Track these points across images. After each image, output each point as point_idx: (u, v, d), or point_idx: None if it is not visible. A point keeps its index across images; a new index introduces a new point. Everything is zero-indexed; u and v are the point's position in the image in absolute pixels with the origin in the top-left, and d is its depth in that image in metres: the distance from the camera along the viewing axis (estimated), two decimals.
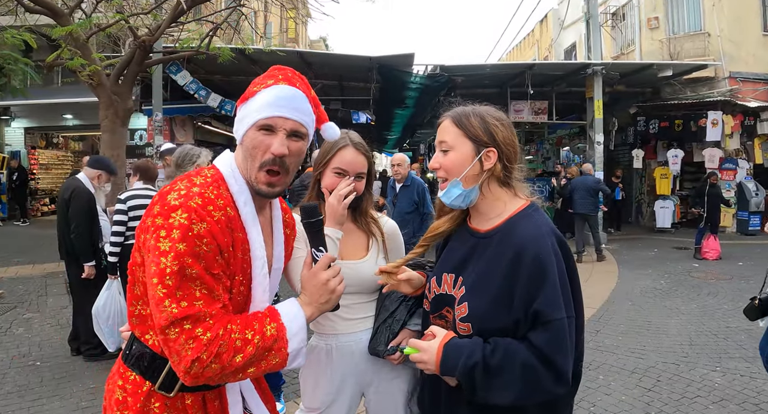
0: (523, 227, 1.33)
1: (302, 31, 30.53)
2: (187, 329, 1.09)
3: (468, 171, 1.37)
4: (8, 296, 6.56)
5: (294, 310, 1.26)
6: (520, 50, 27.04)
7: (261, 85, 1.27)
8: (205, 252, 1.13)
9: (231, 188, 1.25)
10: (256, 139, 1.25)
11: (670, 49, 13.88)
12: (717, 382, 3.93)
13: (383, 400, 1.81)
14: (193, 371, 1.10)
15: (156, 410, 1.24)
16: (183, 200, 1.14)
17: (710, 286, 7.18)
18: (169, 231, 1.11)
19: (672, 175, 13.40)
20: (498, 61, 21.23)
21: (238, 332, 1.14)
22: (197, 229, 1.12)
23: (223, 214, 1.18)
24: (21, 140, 14.90)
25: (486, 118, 1.40)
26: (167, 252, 1.10)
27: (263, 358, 1.17)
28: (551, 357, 1.22)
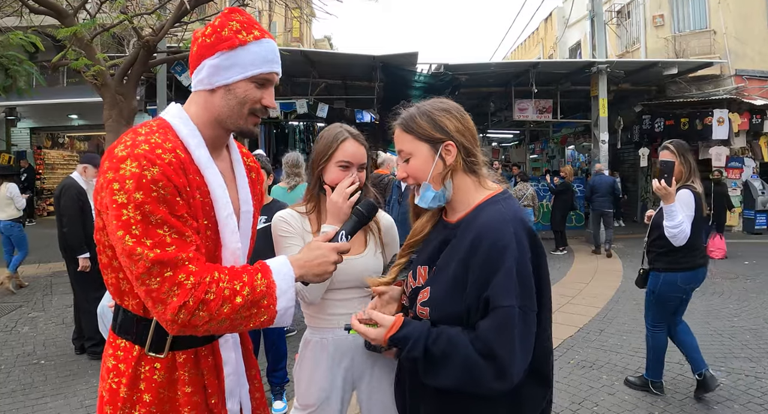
0: (485, 214, 1.33)
1: (307, 31, 30.53)
2: (168, 276, 1.09)
3: (433, 171, 1.38)
4: (13, 295, 6.61)
5: (285, 269, 1.26)
6: (525, 49, 26.97)
7: (248, 35, 1.27)
8: (164, 195, 1.12)
9: (179, 133, 1.25)
10: (250, 90, 1.28)
11: (675, 46, 13.81)
12: (722, 381, 3.89)
13: (376, 393, 1.82)
14: (180, 319, 1.09)
15: (147, 373, 1.25)
16: (129, 150, 1.13)
17: (716, 286, 7.14)
18: (121, 182, 1.10)
19: None
20: (502, 60, 21.16)
21: (227, 281, 1.15)
22: (150, 174, 1.11)
23: (173, 156, 1.17)
24: (27, 140, 14.99)
25: (433, 114, 1.39)
26: (125, 203, 1.09)
27: (251, 313, 1.17)
28: (494, 349, 1.19)
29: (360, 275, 1.79)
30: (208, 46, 1.26)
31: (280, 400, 3.48)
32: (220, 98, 1.29)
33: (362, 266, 1.81)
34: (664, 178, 3.14)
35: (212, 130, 1.32)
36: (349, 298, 1.82)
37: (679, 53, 13.60)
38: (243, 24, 1.28)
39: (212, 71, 1.26)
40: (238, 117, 1.30)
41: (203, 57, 1.27)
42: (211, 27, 1.28)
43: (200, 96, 1.31)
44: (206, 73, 1.27)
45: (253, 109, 1.31)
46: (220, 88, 1.28)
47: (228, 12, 1.30)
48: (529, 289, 1.23)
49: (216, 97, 1.29)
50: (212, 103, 1.30)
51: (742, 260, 9.02)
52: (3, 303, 6.24)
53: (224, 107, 1.29)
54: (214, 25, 1.28)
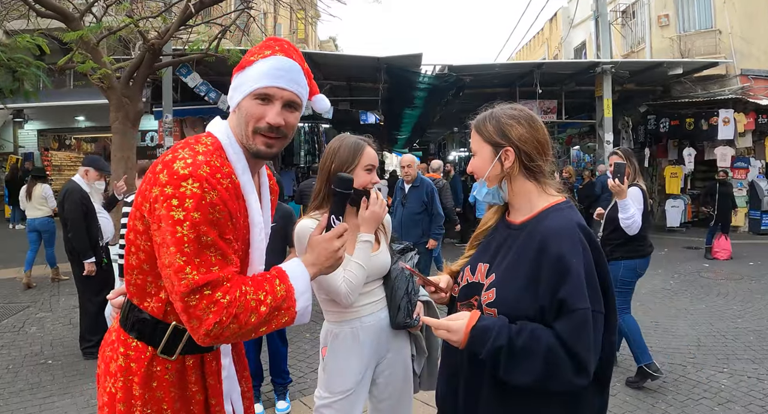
0: (551, 219, 1.39)
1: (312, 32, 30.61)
2: (207, 295, 1.14)
3: (490, 172, 1.48)
4: (21, 295, 6.69)
5: (300, 271, 1.32)
6: (530, 49, 26.90)
7: (258, 55, 1.31)
8: (218, 218, 1.17)
9: (229, 157, 1.29)
10: (251, 107, 1.29)
11: (680, 46, 13.76)
12: (723, 383, 3.91)
13: (395, 365, 2.10)
14: (213, 333, 1.15)
15: (159, 373, 1.30)
16: (192, 169, 1.16)
17: (720, 287, 7.13)
18: (181, 200, 1.14)
19: (683, 174, 13.28)
20: (507, 61, 21.14)
21: (252, 293, 1.20)
22: (209, 197, 1.16)
23: (229, 182, 1.23)
24: (34, 142, 15.11)
25: (501, 120, 1.47)
26: (182, 221, 1.13)
27: (274, 317, 1.22)
28: (573, 347, 1.24)
29: (379, 269, 2.06)
30: (235, 70, 1.34)
31: (284, 400, 3.51)
32: (236, 118, 1.33)
33: (380, 261, 2.06)
34: (618, 177, 3.65)
35: (242, 147, 1.35)
36: (371, 289, 2.05)
37: (684, 53, 13.56)
38: (262, 47, 1.33)
39: (231, 94, 1.34)
40: (246, 136, 1.31)
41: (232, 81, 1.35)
42: (246, 54, 1.35)
43: (232, 116, 1.36)
44: (230, 95, 1.34)
45: (257, 128, 1.30)
46: (236, 108, 1.33)
47: (266, 39, 1.37)
48: (597, 292, 1.30)
49: (234, 117, 1.35)
50: (234, 123, 1.34)
51: (747, 261, 8.99)
52: (11, 303, 6.32)
53: (236, 128, 1.33)
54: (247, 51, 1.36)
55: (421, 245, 5.52)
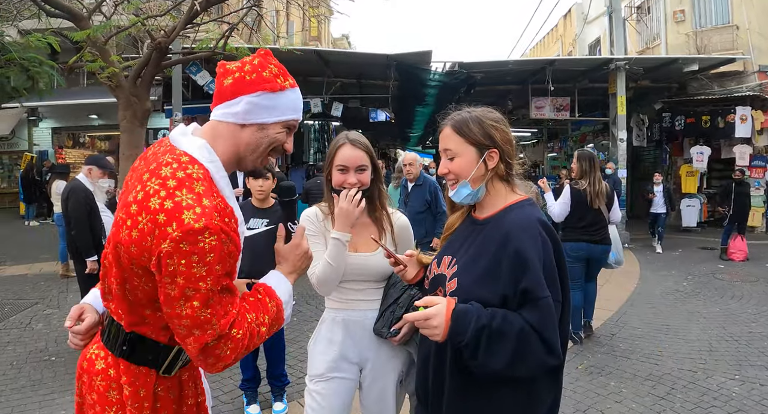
0: (513, 215, 1.47)
1: (325, 29, 30.61)
2: (225, 335, 1.19)
3: (474, 173, 1.51)
4: (30, 292, 6.75)
5: (283, 284, 1.40)
6: (544, 46, 26.64)
7: (284, 81, 1.34)
8: (232, 265, 1.22)
9: (218, 184, 1.26)
10: (282, 134, 1.35)
11: (696, 42, 13.48)
12: (735, 391, 3.79)
13: (378, 376, 2.02)
14: (229, 365, 1.23)
15: (161, 393, 1.34)
16: (205, 221, 1.11)
17: (735, 289, 6.96)
18: (201, 256, 1.11)
19: (699, 173, 13.03)
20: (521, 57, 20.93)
21: (255, 319, 1.26)
22: (227, 247, 1.16)
23: (234, 221, 1.25)
24: (49, 140, 15.30)
25: (484, 122, 1.52)
26: (205, 276, 1.12)
27: (270, 331, 1.32)
28: (542, 332, 1.32)
29: (373, 271, 2.00)
30: (249, 83, 1.29)
31: (281, 402, 3.47)
32: (250, 135, 1.32)
33: (375, 263, 1.99)
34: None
35: (228, 162, 1.34)
36: (364, 288, 2.03)
37: (700, 49, 13.28)
38: (280, 69, 1.35)
39: (250, 108, 1.29)
40: (259, 156, 1.35)
41: (241, 92, 1.29)
42: (250, 65, 1.31)
43: (226, 128, 1.32)
44: (243, 108, 1.29)
45: (276, 150, 1.38)
46: (253, 126, 1.31)
47: (264, 54, 1.35)
48: (555, 283, 1.38)
49: (245, 133, 1.32)
50: (239, 138, 1.32)
51: (763, 262, 8.78)
52: (20, 299, 6.37)
53: (251, 144, 1.33)
54: (252, 63, 1.31)
55: (424, 245, 5.46)
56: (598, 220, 4.64)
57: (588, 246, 4.66)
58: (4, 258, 9.01)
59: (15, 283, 7.29)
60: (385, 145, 28.15)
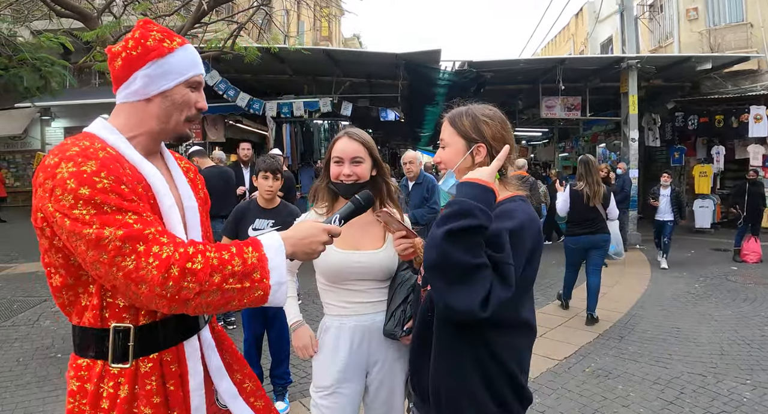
0: (504, 206, 1.48)
1: (336, 29, 30.64)
2: (142, 250, 1.08)
3: (460, 164, 1.55)
4: (39, 289, 6.80)
5: (277, 244, 1.25)
6: (555, 45, 26.46)
7: (172, 42, 1.31)
8: (110, 184, 1.12)
9: (107, 140, 1.25)
10: (187, 95, 1.33)
11: (710, 41, 13.30)
12: (746, 396, 3.70)
13: (385, 378, 1.98)
14: (167, 291, 1.08)
15: (111, 389, 1.22)
16: (60, 155, 1.13)
17: (748, 291, 6.83)
18: (62, 185, 1.09)
19: (712, 174, 12.84)
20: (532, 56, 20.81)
21: (214, 252, 1.15)
22: (89, 168, 1.11)
23: (105, 153, 1.18)
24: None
25: (476, 117, 1.55)
26: (74, 204, 1.08)
27: (244, 286, 1.16)
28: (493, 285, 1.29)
29: (378, 269, 1.96)
30: (136, 57, 1.28)
31: (282, 401, 3.46)
32: (158, 106, 1.31)
33: (379, 261, 1.95)
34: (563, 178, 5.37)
35: (146, 140, 1.34)
36: (367, 289, 1.97)
37: (714, 47, 13.10)
38: (163, 33, 1.32)
39: (147, 81, 1.28)
40: (176, 122, 1.34)
41: (133, 69, 1.28)
42: (133, 40, 1.29)
43: (132, 107, 1.32)
44: (140, 83, 1.28)
45: (191, 117, 1.36)
46: (157, 97, 1.30)
47: (144, 23, 1.32)
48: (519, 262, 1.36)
49: (153, 106, 1.31)
50: (148, 112, 1.31)
51: None
52: (29, 297, 6.43)
53: (162, 114, 1.32)
54: (134, 37, 1.29)
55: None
56: (595, 216, 5.46)
57: (587, 238, 5.49)
58: (16, 255, 9.12)
59: (25, 280, 7.37)
60: (395, 144, 28.08)
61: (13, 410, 3.51)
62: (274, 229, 3.39)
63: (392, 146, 27.95)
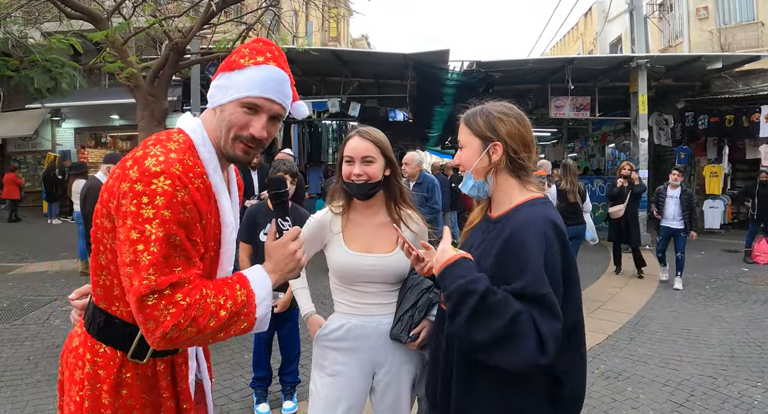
0: (522, 213, 1.44)
1: (344, 30, 30.68)
2: (167, 295, 1.10)
3: (477, 164, 1.52)
4: (50, 289, 6.86)
5: (262, 278, 1.29)
6: (564, 45, 26.35)
7: (250, 60, 1.28)
8: (188, 218, 1.15)
9: (201, 155, 1.26)
10: (237, 114, 1.27)
11: (720, 40, 13.20)
12: (757, 399, 3.66)
13: (392, 380, 1.97)
14: (170, 336, 1.11)
15: (129, 380, 1.27)
16: (164, 166, 1.13)
17: (759, 293, 6.76)
18: (152, 197, 1.11)
19: (723, 174, 12.72)
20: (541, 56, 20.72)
21: (213, 296, 1.17)
22: (181, 195, 1.13)
23: (201, 182, 1.20)
24: (71, 140, 15.58)
25: (490, 115, 1.52)
26: (151, 219, 1.10)
27: (233, 322, 1.20)
28: (540, 325, 1.26)
29: (388, 273, 1.95)
30: (220, 68, 1.32)
31: (290, 401, 3.46)
32: (213, 117, 1.32)
33: (390, 264, 1.94)
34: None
35: (217, 151, 1.34)
36: (377, 291, 1.97)
37: (724, 47, 12.99)
38: (253, 50, 1.30)
39: (214, 91, 1.31)
40: (225, 140, 1.30)
41: (215, 78, 1.33)
42: (233, 53, 1.33)
43: (207, 113, 1.35)
44: (211, 92, 1.32)
45: (239, 136, 1.29)
46: (218, 109, 1.31)
47: (255, 40, 1.34)
48: (558, 283, 1.32)
49: (216, 117, 1.32)
50: (212, 121, 1.32)
51: None
52: (39, 296, 6.48)
53: (216, 129, 1.31)
54: (235, 50, 1.33)
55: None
56: (575, 209, 6.40)
57: (571, 228, 6.08)
58: (26, 255, 9.20)
59: (35, 279, 7.43)
60: (404, 145, 28.08)
61: (24, 408, 3.54)
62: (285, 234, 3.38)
63: (400, 147, 27.94)
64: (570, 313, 1.36)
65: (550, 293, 1.28)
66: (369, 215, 2.01)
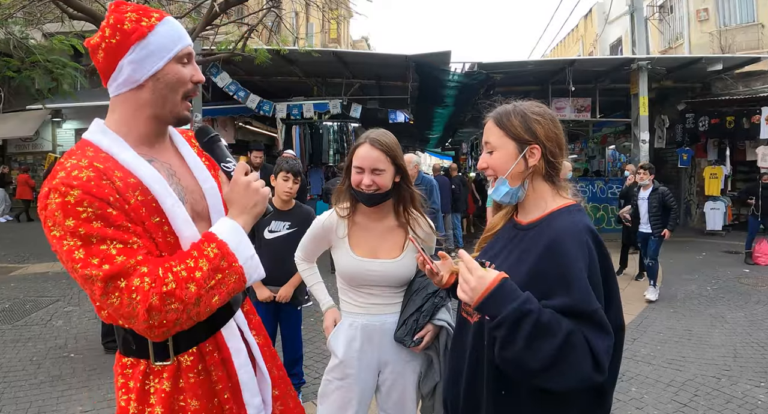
0: (559, 221, 1.36)
1: (344, 31, 30.74)
2: (123, 287, 1.08)
3: (513, 169, 1.40)
4: (52, 289, 6.85)
5: (227, 225, 1.24)
6: (564, 46, 26.40)
7: (150, 20, 1.22)
8: (94, 212, 1.10)
9: (100, 145, 1.22)
10: (179, 71, 1.26)
11: (721, 41, 13.23)
12: (760, 399, 3.67)
13: (398, 379, 2.00)
14: (155, 321, 1.09)
15: (156, 385, 1.25)
16: (50, 185, 1.13)
17: (760, 294, 6.76)
18: (52, 217, 1.11)
19: (723, 175, 12.73)
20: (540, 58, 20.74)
21: (178, 264, 1.14)
22: (72, 198, 1.09)
23: (91, 170, 1.14)
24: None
25: (527, 116, 1.41)
26: (63, 235, 1.10)
27: (219, 281, 1.16)
28: (593, 342, 1.19)
29: (394, 277, 1.97)
30: (117, 45, 1.20)
31: None
32: (150, 91, 1.25)
33: (395, 270, 1.96)
34: None
35: (144, 127, 1.28)
36: (381, 293, 1.99)
37: (724, 48, 13.02)
38: (138, 11, 1.23)
39: (134, 67, 1.21)
40: (173, 104, 1.27)
41: (117, 57, 1.21)
42: (109, 27, 1.21)
43: (125, 98, 1.26)
44: (128, 71, 1.22)
45: (187, 92, 1.28)
46: (148, 81, 1.24)
47: (116, 7, 1.23)
48: (601, 295, 1.26)
49: (145, 92, 1.25)
50: (142, 99, 1.25)
51: None
52: (41, 297, 6.48)
53: (157, 99, 1.26)
54: (109, 24, 1.21)
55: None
56: None
57: None
58: (27, 256, 9.19)
59: (37, 280, 7.43)
60: (404, 146, 28.08)
61: (27, 409, 3.53)
62: (290, 231, 3.38)
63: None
64: (612, 322, 1.29)
65: (599, 309, 1.22)
66: (375, 219, 2.00)
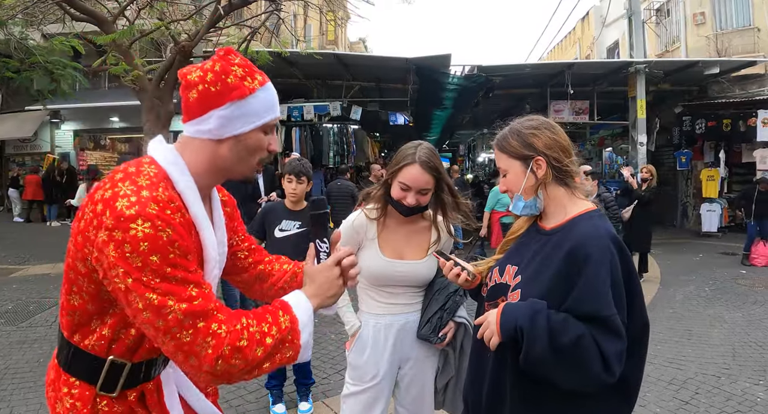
0: (582, 227, 1.42)
1: (342, 33, 30.75)
2: (201, 327, 1.06)
3: (525, 184, 1.50)
4: (53, 291, 6.86)
5: (303, 303, 1.24)
6: (562, 49, 26.51)
7: (253, 81, 1.23)
8: (179, 255, 1.08)
9: (177, 186, 1.18)
10: (261, 139, 1.26)
11: (717, 45, 13.34)
12: (760, 396, 3.74)
13: (417, 374, 2.09)
14: (218, 369, 1.07)
15: (105, 408, 1.22)
16: (138, 208, 1.05)
17: (757, 294, 6.85)
18: (134, 244, 1.03)
19: (720, 177, 12.85)
20: (538, 61, 20.84)
21: (255, 325, 1.13)
22: (165, 235, 1.06)
23: (180, 216, 1.12)
24: (70, 142, 15.56)
25: (522, 133, 1.51)
26: (142, 267, 1.04)
27: (279, 350, 1.15)
28: (602, 346, 1.27)
29: (417, 278, 2.07)
30: (215, 95, 1.18)
31: (306, 402, 3.48)
32: (228, 149, 1.24)
33: (420, 271, 2.05)
34: None
35: (209, 179, 1.28)
36: (404, 292, 2.08)
37: (721, 52, 13.14)
38: (245, 69, 1.22)
39: (222, 122, 1.20)
40: (247, 166, 1.28)
41: (210, 106, 1.19)
42: (213, 73, 1.18)
43: (202, 144, 1.24)
44: (215, 123, 1.20)
45: (261, 158, 1.29)
46: (230, 139, 1.23)
47: (224, 55, 1.22)
48: (622, 301, 1.32)
49: (223, 148, 1.23)
50: (219, 154, 1.24)
51: None
52: (44, 298, 6.49)
53: (233, 158, 1.25)
54: (214, 70, 1.18)
55: None
56: None
57: None
58: (27, 257, 9.19)
59: (39, 282, 7.44)
60: None
61: (38, 410, 3.56)
62: (299, 230, 3.43)
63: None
64: (636, 322, 1.38)
65: (614, 315, 1.28)
66: (404, 221, 2.07)
